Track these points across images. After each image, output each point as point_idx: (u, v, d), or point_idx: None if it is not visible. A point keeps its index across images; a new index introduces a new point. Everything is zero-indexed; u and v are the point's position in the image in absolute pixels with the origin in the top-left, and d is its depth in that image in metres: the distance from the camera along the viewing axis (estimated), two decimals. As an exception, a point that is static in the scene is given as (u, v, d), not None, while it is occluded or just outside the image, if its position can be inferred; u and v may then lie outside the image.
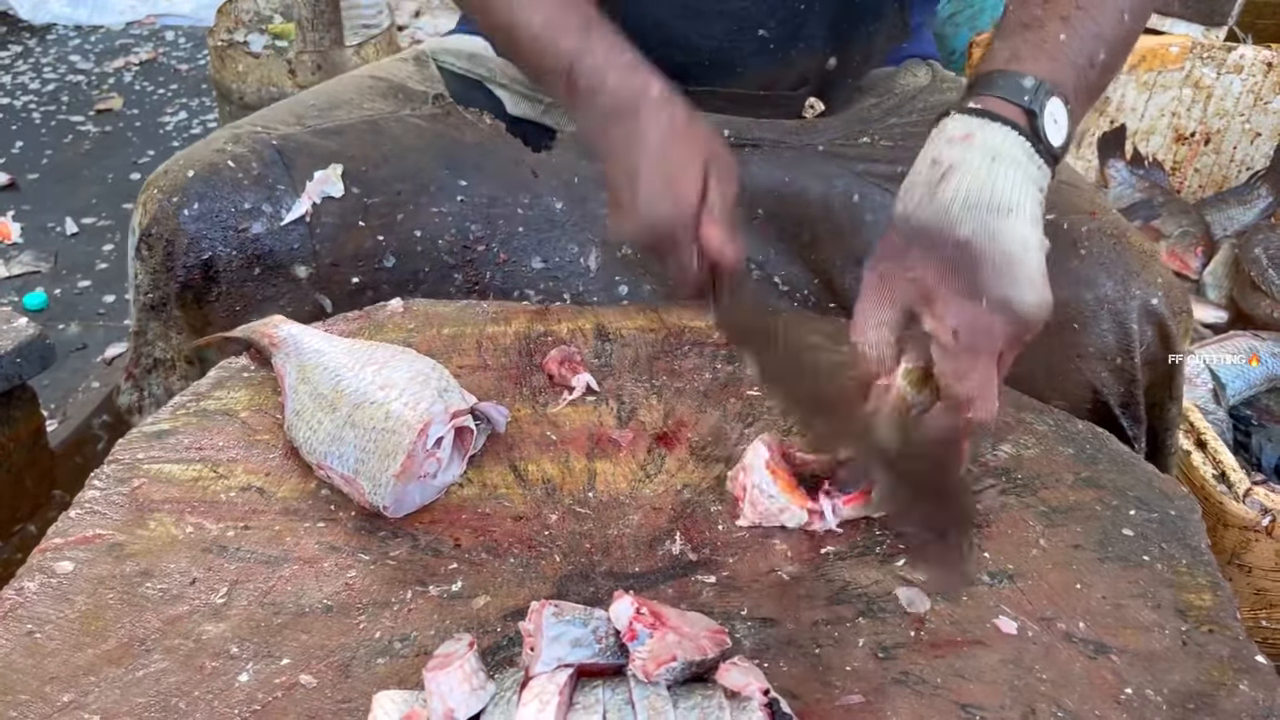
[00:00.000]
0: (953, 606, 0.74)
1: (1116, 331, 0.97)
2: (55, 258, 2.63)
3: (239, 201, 1.04)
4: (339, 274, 1.07)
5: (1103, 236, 0.99)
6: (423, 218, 1.09)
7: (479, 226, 1.10)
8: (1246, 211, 2.11)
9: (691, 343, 1.01)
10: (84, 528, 0.78)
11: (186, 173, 1.04)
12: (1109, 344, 0.97)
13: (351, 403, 0.83)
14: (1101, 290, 0.96)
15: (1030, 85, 0.75)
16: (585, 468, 0.87)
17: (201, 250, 1.03)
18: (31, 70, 3.72)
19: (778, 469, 0.80)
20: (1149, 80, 2.13)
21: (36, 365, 1.29)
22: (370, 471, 0.79)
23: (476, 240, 1.10)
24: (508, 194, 1.12)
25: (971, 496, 0.81)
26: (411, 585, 0.75)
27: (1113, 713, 0.67)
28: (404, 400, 0.82)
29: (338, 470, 0.81)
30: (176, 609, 0.72)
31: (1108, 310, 0.96)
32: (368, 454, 0.80)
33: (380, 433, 0.80)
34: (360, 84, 1.18)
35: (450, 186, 1.10)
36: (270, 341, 0.92)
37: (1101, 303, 0.96)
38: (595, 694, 0.62)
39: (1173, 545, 0.80)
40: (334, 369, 0.86)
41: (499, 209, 1.12)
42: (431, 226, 1.09)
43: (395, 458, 0.78)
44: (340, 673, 0.69)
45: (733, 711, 0.60)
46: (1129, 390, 0.98)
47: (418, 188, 1.10)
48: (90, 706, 0.65)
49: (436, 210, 1.10)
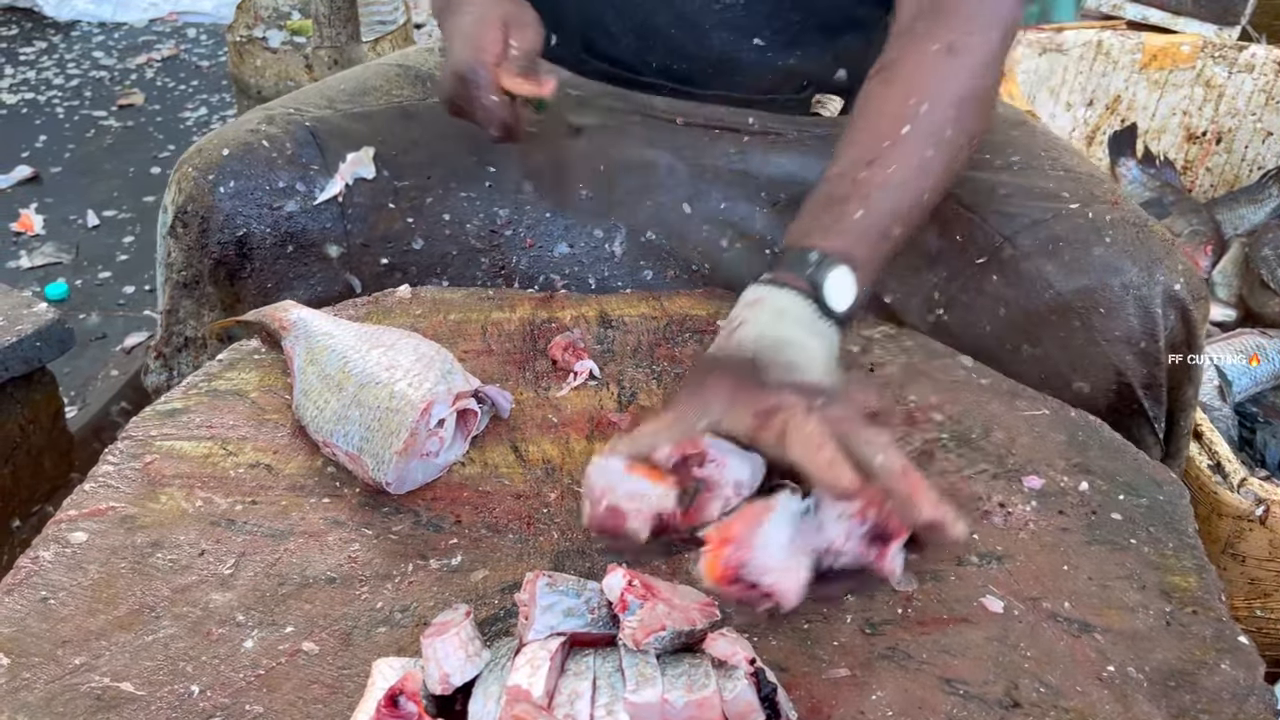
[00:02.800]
0: (940, 585, 0.76)
1: (1141, 316, 0.98)
2: (77, 249, 2.67)
3: (274, 180, 1.06)
4: (369, 255, 1.09)
5: (1126, 225, 1.01)
6: (451, 201, 1.12)
7: (506, 211, 1.13)
8: (1257, 211, 2.10)
9: (692, 330, 1.03)
10: (98, 500, 0.80)
11: (221, 151, 1.06)
12: (1134, 328, 0.99)
13: (358, 383, 0.85)
14: (1127, 276, 0.98)
15: (815, 259, 0.80)
16: (585, 449, 0.89)
17: (236, 227, 1.05)
18: (56, 66, 3.77)
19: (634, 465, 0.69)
20: (1160, 79, 2.14)
21: (56, 349, 1.32)
22: (374, 449, 0.82)
23: (504, 225, 1.13)
24: (533, 180, 1.15)
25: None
26: (412, 559, 0.78)
27: (1094, 689, 0.68)
28: (408, 381, 0.84)
29: (342, 448, 0.83)
30: (185, 578, 0.75)
31: (1133, 296, 0.98)
32: (372, 432, 0.82)
33: (385, 412, 0.82)
34: (387, 72, 1.21)
35: (478, 172, 1.13)
36: (280, 325, 0.95)
37: (1127, 288, 0.98)
38: (586, 661, 0.64)
39: (1160, 529, 0.81)
40: (341, 351, 0.89)
41: (525, 194, 1.14)
42: (459, 210, 1.12)
43: (399, 435, 0.81)
44: (342, 641, 0.71)
45: (719, 679, 0.62)
46: (1152, 373, 1.00)
47: (446, 172, 1.12)
48: (101, 669, 0.68)
49: (465, 195, 1.12)
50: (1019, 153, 1.11)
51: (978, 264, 1.05)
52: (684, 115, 1.16)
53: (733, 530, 0.66)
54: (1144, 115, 2.19)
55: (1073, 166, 1.10)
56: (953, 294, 1.07)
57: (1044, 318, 1.02)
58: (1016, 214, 1.04)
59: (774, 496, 0.67)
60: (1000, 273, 1.04)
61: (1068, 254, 1.01)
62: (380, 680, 0.64)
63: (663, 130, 1.16)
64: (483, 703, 0.62)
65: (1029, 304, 1.02)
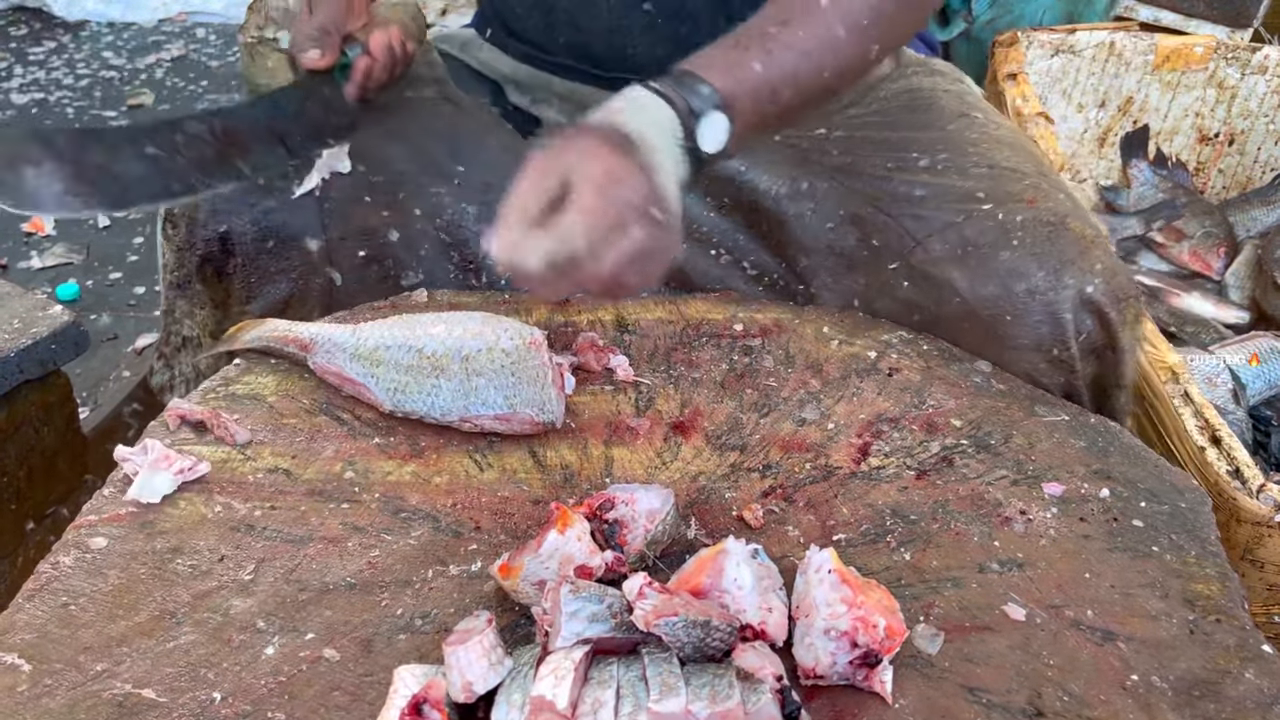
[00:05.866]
0: (962, 592, 0.76)
1: (1050, 322, 0.96)
2: (87, 250, 2.67)
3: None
4: (347, 248, 1.10)
5: (1038, 225, 0.99)
6: (422, 197, 1.12)
7: (475, 209, 1.13)
8: (1270, 212, 2.09)
9: (709, 334, 1.02)
10: (117, 505, 0.80)
11: None
12: (1043, 335, 0.97)
13: (457, 358, 0.89)
14: (1032, 281, 0.96)
15: (705, 92, 0.83)
16: (603, 454, 0.89)
17: (218, 223, 1.07)
18: (65, 66, 3.77)
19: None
20: (1173, 80, 2.13)
21: (70, 351, 1.32)
22: (527, 399, 0.87)
23: (473, 221, 1.13)
24: (500, 181, 1.14)
25: None
26: (432, 565, 0.77)
27: (1118, 698, 0.68)
28: (497, 336, 0.89)
29: (489, 413, 0.88)
30: (205, 584, 0.75)
31: (1039, 301, 0.96)
32: (514, 391, 0.87)
33: (511, 367, 0.88)
34: None
35: (448, 169, 1.13)
36: (300, 346, 0.94)
37: (1032, 294, 0.96)
38: (610, 670, 0.64)
39: (1182, 537, 0.81)
40: (401, 342, 0.91)
41: (493, 194, 1.14)
42: (430, 206, 1.12)
43: (545, 375, 0.88)
44: (363, 647, 0.71)
45: (743, 692, 0.62)
46: (1069, 380, 0.99)
47: (419, 168, 1.13)
48: (122, 675, 0.68)
49: (435, 191, 1.13)
50: (947, 149, 1.09)
51: (890, 269, 1.04)
52: None
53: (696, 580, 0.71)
54: (1156, 117, 2.18)
55: (998, 162, 1.07)
56: (870, 299, 1.06)
57: (955, 324, 1.01)
58: (930, 217, 1.02)
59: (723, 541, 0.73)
60: (910, 278, 1.02)
61: (974, 259, 0.99)
62: (402, 688, 0.64)
63: None
64: (506, 711, 0.62)
65: (939, 311, 1.01)
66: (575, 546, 0.73)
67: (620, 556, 0.75)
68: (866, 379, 0.97)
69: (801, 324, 1.04)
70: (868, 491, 0.85)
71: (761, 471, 0.87)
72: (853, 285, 1.08)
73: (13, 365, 1.26)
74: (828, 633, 0.67)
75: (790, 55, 0.86)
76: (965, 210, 1.02)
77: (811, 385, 0.96)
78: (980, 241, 0.99)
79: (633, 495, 0.78)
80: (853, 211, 1.06)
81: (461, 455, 0.88)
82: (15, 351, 1.25)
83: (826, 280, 1.08)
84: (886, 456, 0.88)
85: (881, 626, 0.67)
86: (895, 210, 1.04)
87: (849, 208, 1.06)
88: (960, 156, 1.08)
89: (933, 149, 1.09)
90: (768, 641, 0.69)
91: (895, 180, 1.06)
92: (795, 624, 0.71)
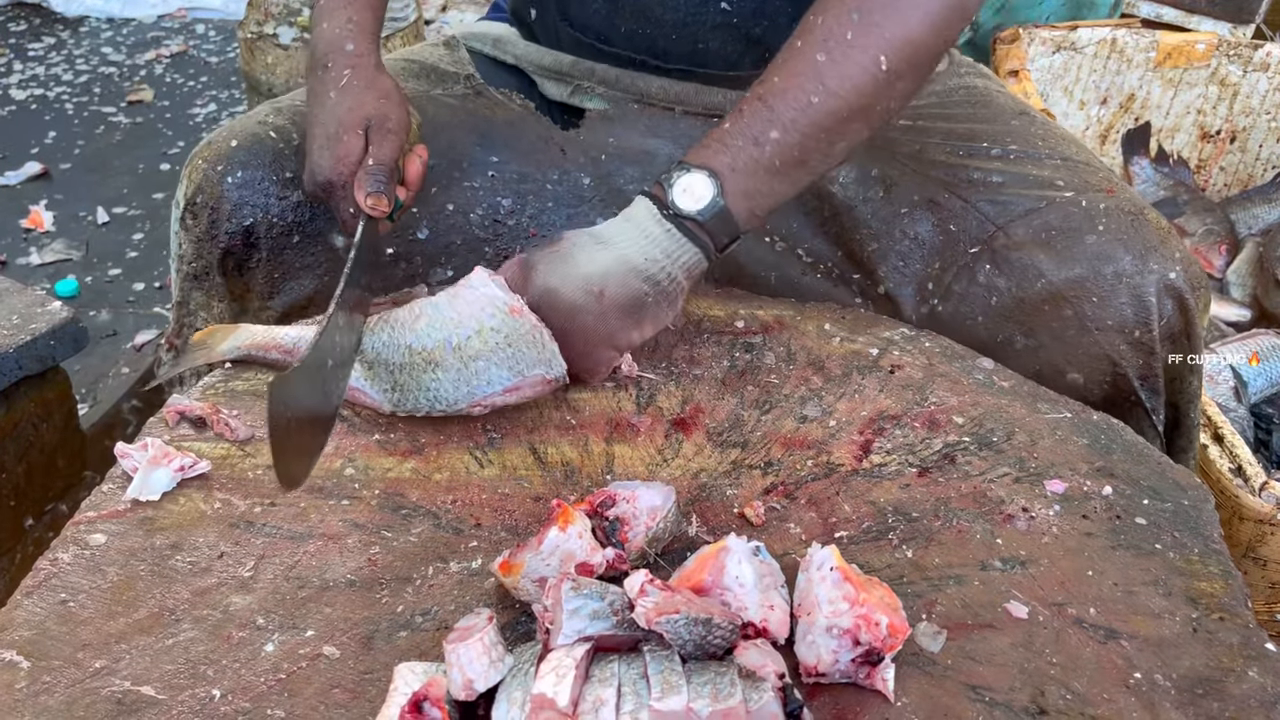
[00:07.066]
0: (964, 590, 0.75)
1: (1134, 305, 0.98)
2: (86, 246, 2.67)
3: (280, 170, 1.07)
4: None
5: (1120, 214, 1.01)
6: (455, 191, 1.12)
7: (509, 201, 1.13)
8: (1271, 210, 2.09)
9: (710, 331, 1.02)
10: (116, 502, 0.80)
11: (230, 142, 1.07)
12: (1127, 317, 0.98)
13: (448, 347, 0.87)
14: (1120, 264, 0.98)
15: (674, 168, 0.88)
16: (604, 451, 0.89)
17: (244, 216, 1.06)
18: (65, 62, 3.77)
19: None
20: (1174, 77, 2.12)
21: (69, 347, 1.32)
22: (531, 362, 0.86)
23: (507, 214, 1.13)
24: (537, 170, 1.15)
25: None
26: (433, 562, 0.77)
27: (1121, 696, 0.68)
28: (480, 317, 0.87)
29: (498, 390, 0.87)
30: (205, 581, 0.74)
31: (1126, 284, 0.98)
32: (516, 360, 0.86)
33: (508, 339, 0.86)
34: (393, 66, 1.21)
35: (481, 162, 1.13)
36: (282, 352, 0.93)
37: (1119, 277, 0.98)
38: (611, 668, 0.63)
39: (1185, 534, 0.80)
40: (387, 342, 0.89)
41: (528, 184, 1.14)
42: (463, 200, 1.12)
43: (540, 334, 0.86)
44: (363, 645, 0.70)
45: (745, 690, 0.62)
46: (1148, 363, 1.00)
47: (450, 163, 1.13)
48: (121, 672, 0.67)
49: (468, 185, 1.12)
50: (1016, 141, 1.11)
51: (971, 254, 1.05)
52: (682, 104, 1.16)
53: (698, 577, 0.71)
54: (1158, 114, 2.18)
55: (1070, 155, 1.09)
56: (947, 284, 1.07)
57: (1036, 307, 1.01)
58: (1010, 203, 1.04)
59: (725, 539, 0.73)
60: (993, 262, 1.03)
61: (1060, 243, 1.00)
62: (403, 685, 0.64)
63: (662, 119, 1.16)
64: (507, 708, 0.61)
65: (1021, 293, 1.02)
66: (576, 544, 0.73)
67: (621, 554, 0.75)
68: (868, 376, 0.96)
69: (803, 321, 1.03)
70: (870, 489, 0.85)
71: (763, 469, 0.87)
72: (926, 270, 1.08)
73: (12, 361, 1.25)
74: (830, 630, 0.67)
75: (764, 101, 0.87)
76: (1046, 197, 1.03)
77: (813, 382, 0.96)
78: (1065, 226, 1.01)
79: (634, 492, 0.77)
80: (928, 197, 1.07)
81: (462, 452, 0.88)
82: (14, 348, 1.25)
83: (896, 264, 1.09)
84: (888, 454, 0.88)
85: (884, 624, 0.67)
86: (972, 196, 1.06)
87: (924, 193, 1.08)
88: (1030, 147, 1.10)
89: (1001, 140, 1.11)
90: (769, 639, 0.69)
91: (970, 168, 1.08)
92: (797, 622, 0.70)
